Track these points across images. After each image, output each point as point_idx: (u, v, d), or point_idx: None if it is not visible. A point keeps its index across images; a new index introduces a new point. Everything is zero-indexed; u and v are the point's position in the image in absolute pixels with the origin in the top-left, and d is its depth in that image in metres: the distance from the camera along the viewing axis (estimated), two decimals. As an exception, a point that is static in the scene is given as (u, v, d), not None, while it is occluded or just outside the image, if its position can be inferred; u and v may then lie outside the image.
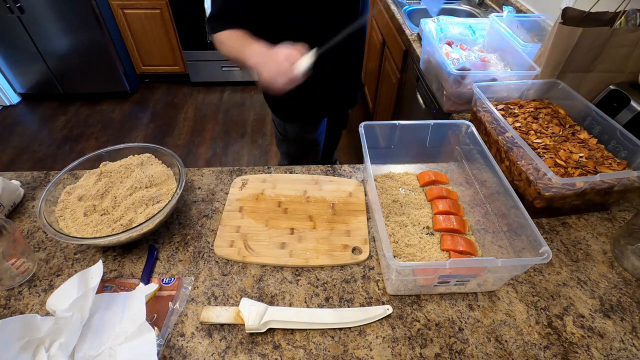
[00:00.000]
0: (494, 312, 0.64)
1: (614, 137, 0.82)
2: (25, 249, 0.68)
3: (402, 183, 0.87)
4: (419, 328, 0.62)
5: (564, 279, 0.69)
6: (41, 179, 0.89)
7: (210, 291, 0.66)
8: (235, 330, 0.61)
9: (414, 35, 1.70)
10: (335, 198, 0.83)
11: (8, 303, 0.65)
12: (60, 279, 0.68)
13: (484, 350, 0.59)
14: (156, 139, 2.69)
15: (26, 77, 2.94)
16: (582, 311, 0.64)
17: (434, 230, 0.76)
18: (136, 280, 0.67)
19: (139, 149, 0.85)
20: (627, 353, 0.59)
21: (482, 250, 0.72)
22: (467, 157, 0.86)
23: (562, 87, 0.94)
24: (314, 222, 0.78)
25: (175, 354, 0.58)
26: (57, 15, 2.59)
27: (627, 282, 0.69)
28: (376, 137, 0.86)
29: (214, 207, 0.82)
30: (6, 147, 2.61)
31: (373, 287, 0.67)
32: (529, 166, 0.76)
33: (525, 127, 0.88)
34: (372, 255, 0.73)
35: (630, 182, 0.73)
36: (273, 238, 0.75)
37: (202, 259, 0.72)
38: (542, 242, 0.58)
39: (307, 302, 0.65)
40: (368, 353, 0.58)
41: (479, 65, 1.16)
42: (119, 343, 0.56)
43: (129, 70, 3.07)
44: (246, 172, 0.91)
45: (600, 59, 0.97)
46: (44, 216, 0.68)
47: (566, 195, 0.73)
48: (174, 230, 0.77)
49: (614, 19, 0.96)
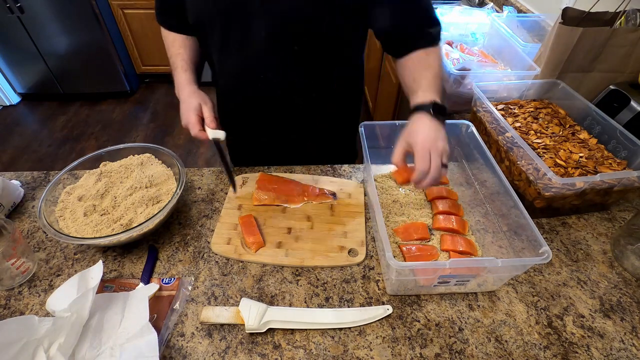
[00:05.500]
0: (494, 312, 0.64)
1: (614, 137, 0.82)
2: (25, 249, 0.68)
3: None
4: (419, 328, 0.62)
5: (564, 279, 0.69)
6: (41, 179, 0.89)
7: (210, 291, 0.66)
8: (235, 330, 0.61)
9: (414, 35, 1.70)
10: (334, 200, 0.83)
11: (8, 303, 0.65)
12: (60, 279, 0.68)
13: (484, 350, 0.59)
14: (156, 139, 2.69)
15: (26, 77, 2.94)
16: (582, 311, 0.64)
17: (433, 230, 0.76)
18: (136, 280, 0.67)
19: (139, 149, 0.85)
20: (627, 353, 0.59)
21: (482, 250, 0.72)
22: (467, 157, 0.86)
23: (562, 87, 0.94)
24: (311, 222, 0.78)
25: (175, 354, 0.58)
26: (57, 15, 2.59)
27: (627, 282, 0.69)
28: (376, 137, 0.86)
29: (214, 207, 0.82)
30: (6, 147, 2.61)
31: (373, 287, 0.67)
32: (529, 166, 0.76)
33: (525, 127, 0.88)
34: (372, 255, 0.72)
35: (630, 182, 0.73)
36: (270, 237, 0.75)
37: (202, 259, 0.72)
38: (542, 242, 0.58)
39: (307, 302, 0.65)
40: (368, 353, 0.58)
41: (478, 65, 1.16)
42: (120, 343, 0.56)
43: (129, 70, 3.07)
44: (246, 172, 0.91)
45: (600, 59, 0.97)
46: (44, 216, 0.68)
47: (566, 195, 0.73)
48: (174, 230, 0.77)
49: (614, 19, 0.96)
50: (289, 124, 0.97)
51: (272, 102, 0.91)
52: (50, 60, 2.83)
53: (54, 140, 2.69)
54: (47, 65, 2.84)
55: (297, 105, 0.91)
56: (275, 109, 0.92)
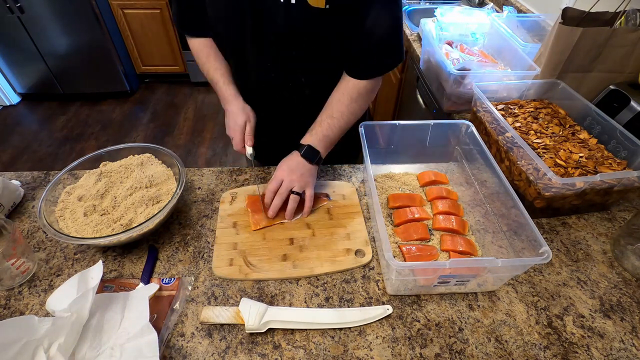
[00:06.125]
0: (494, 312, 0.64)
1: (614, 137, 0.82)
2: (25, 249, 0.68)
3: (402, 183, 0.87)
4: (419, 328, 0.62)
5: (564, 279, 0.69)
6: (41, 179, 0.89)
7: (210, 291, 0.66)
8: (235, 330, 0.61)
9: (414, 35, 1.70)
10: (330, 202, 0.82)
11: (8, 303, 0.65)
12: (60, 279, 0.68)
13: (484, 350, 0.59)
14: (156, 139, 2.69)
15: (26, 77, 2.95)
16: (582, 311, 0.64)
17: (433, 230, 0.76)
18: (136, 280, 0.67)
19: (139, 149, 0.84)
20: (627, 353, 0.59)
21: (482, 250, 0.72)
22: (467, 157, 0.86)
23: (562, 87, 0.94)
24: (312, 230, 0.77)
25: (175, 354, 0.58)
26: (57, 15, 2.60)
27: (627, 282, 0.69)
28: (376, 137, 0.86)
29: (214, 207, 0.82)
30: (6, 147, 2.61)
31: (373, 287, 0.67)
32: (529, 166, 0.76)
33: (525, 127, 0.88)
34: (373, 255, 0.72)
35: (630, 182, 0.73)
36: (273, 250, 0.72)
37: (202, 259, 0.72)
38: (542, 242, 0.58)
39: (307, 302, 0.65)
40: (368, 353, 0.58)
41: (478, 65, 1.16)
42: (120, 343, 0.56)
43: (129, 70, 3.07)
44: (246, 172, 0.91)
45: (600, 59, 0.97)
46: (44, 216, 0.68)
47: (566, 195, 0.73)
48: (174, 230, 0.77)
49: (614, 19, 0.96)
50: (289, 123, 0.97)
51: (272, 102, 0.91)
52: (50, 60, 2.83)
53: (54, 140, 2.69)
54: (47, 65, 2.85)
55: (297, 105, 0.91)
56: (275, 109, 0.92)
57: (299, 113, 0.89)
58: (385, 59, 0.80)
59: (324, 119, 0.81)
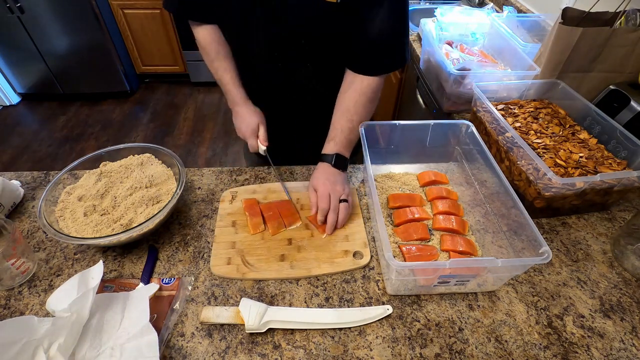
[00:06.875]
0: (494, 312, 0.64)
1: (614, 137, 0.82)
2: (25, 249, 0.68)
3: (402, 183, 0.87)
4: (419, 328, 0.62)
5: (564, 279, 0.69)
6: (41, 179, 0.89)
7: (210, 291, 0.66)
8: (235, 330, 0.61)
9: (414, 35, 1.70)
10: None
11: (8, 303, 0.65)
12: (60, 279, 0.68)
13: (484, 350, 0.59)
14: (156, 139, 2.69)
15: (26, 77, 2.95)
16: (582, 311, 0.64)
17: (433, 230, 0.76)
18: (136, 280, 0.67)
19: (139, 149, 0.84)
20: (627, 353, 0.59)
21: (482, 250, 0.72)
22: (467, 157, 0.86)
23: (562, 87, 0.94)
24: (311, 230, 0.77)
25: (175, 354, 0.58)
26: (57, 15, 2.60)
27: (627, 282, 0.69)
28: (376, 137, 0.86)
29: (214, 207, 0.82)
30: (6, 147, 2.61)
31: (373, 287, 0.67)
32: (529, 166, 0.76)
33: (525, 127, 0.88)
34: (372, 255, 0.72)
35: (630, 182, 0.73)
36: (271, 250, 0.72)
37: (202, 259, 0.72)
38: (542, 242, 0.58)
39: (307, 302, 0.65)
40: (368, 353, 0.58)
41: (478, 65, 1.16)
42: (120, 344, 0.56)
43: (129, 70, 3.07)
44: (246, 172, 0.91)
45: (600, 59, 0.97)
46: (44, 216, 0.68)
47: (566, 195, 0.73)
48: (174, 230, 0.77)
49: (614, 19, 0.96)
50: (289, 123, 0.97)
51: (272, 102, 0.91)
52: (50, 60, 2.83)
53: (54, 140, 2.69)
54: (47, 65, 2.85)
55: (297, 105, 0.91)
56: (275, 109, 0.92)
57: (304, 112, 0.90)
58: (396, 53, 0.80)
59: (343, 123, 0.81)
